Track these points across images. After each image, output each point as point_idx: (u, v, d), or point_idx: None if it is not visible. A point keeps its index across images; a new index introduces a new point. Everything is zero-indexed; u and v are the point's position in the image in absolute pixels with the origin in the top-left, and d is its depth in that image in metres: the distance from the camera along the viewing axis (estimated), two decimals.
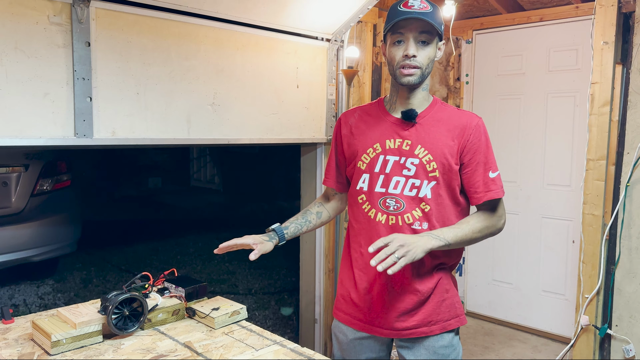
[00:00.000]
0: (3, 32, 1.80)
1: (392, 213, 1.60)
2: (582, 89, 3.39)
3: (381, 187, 1.62)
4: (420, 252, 1.44)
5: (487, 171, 1.59)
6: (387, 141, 1.62)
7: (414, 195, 1.59)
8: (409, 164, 1.59)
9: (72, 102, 1.97)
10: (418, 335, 1.64)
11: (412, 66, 1.53)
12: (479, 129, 1.60)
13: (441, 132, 1.59)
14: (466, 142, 1.58)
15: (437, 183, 1.58)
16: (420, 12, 1.50)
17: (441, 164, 1.57)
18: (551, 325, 3.72)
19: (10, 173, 3.90)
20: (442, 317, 1.64)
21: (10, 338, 1.53)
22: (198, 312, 1.68)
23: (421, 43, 1.53)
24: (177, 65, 2.27)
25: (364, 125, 1.69)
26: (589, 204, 2.92)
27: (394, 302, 1.63)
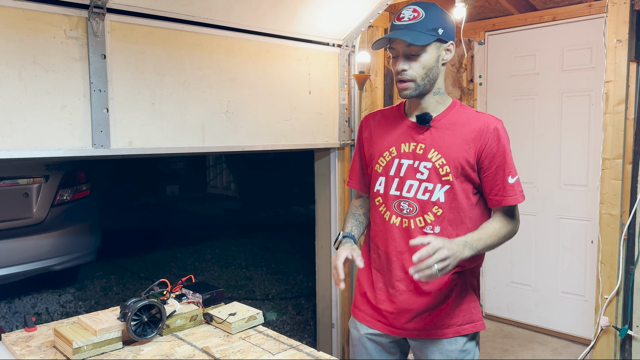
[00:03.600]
0: (21, 47, 1.85)
1: (405, 216, 1.62)
2: (597, 87, 3.36)
3: (396, 190, 1.63)
4: (456, 263, 1.44)
5: (507, 176, 1.59)
6: (403, 145, 1.63)
7: (426, 199, 1.59)
8: (422, 167, 1.59)
9: (90, 113, 2.02)
10: (430, 337, 1.65)
11: (404, 80, 1.55)
12: (497, 133, 1.57)
13: (456, 136, 1.58)
14: (484, 146, 1.56)
15: (450, 187, 1.58)
16: (407, 25, 1.51)
17: (455, 168, 1.57)
18: (571, 326, 3.68)
19: (31, 184, 3.98)
20: (456, 321, 1.65)
21: (33, 345, 1.57)
22: (215, 317, 1.71)
23: (410, 56, 1.53)
24: (191, 74, 2.31)
25: (383, 128, 1.71)
26: (606, 203, 2.90)
27: (408, 303, 1.65)
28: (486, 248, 1.56)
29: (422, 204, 1.60)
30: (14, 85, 1.84)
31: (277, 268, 5.38)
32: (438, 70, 1.58)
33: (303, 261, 5.31)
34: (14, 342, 1.59)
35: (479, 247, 1.51)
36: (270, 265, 5.45)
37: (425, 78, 1.55)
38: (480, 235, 1.54)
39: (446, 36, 1.55)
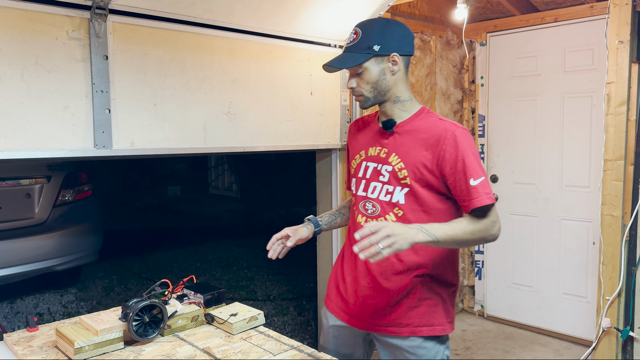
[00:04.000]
0: (24, 49, 1.85)
1: (370, 216, 1.71)
2: (598, 89, 3.36)
3: (363, 191, 1.74)
4: (406, 244, 1.43)
5: (469, 179, 1.57)
6: (370, 149, 1.74)
7: (388, 200, 1.67)
8: (384, 170, 1.68)
9: (92, 114, 2.02)
10: (388, 333, 1.73)
11: (356, 95, 1.68)
12: (455, 139, 1.58)
13: (416, 142, 1.63)
14: (442, 152, 1.59)
15: (410, 190, 1.64)
16: (347, 47, 1.64)
17: (412, 172, 1.62)
18: (572, 328, 3.67)
19: (33, 184, 3.99)
20: (413, 322, 1.69)
21: (35, 345, 1.57)
22: (216, 318, 1.71)
23: (357, 74, 1.64)
24: (193, 75, 2.32)
25: (360, 133, 1.82)
26: (608, 204, 2.90)
27: (370, 298, 1.73)
28: (450, 240, 1.53)
29: (384, 205, 1.68)
30: (17, 86, 1.85)
31: (279, 269, 5.38)
32: (388, 81, 1.64)
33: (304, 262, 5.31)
34: (15, 342, 1.59)
35: (437, 234, 1.49)
36: (271, 266, 5.45)
37: (373, 91, 1.65)
38: (443, 225, 1.54)
39: (386, 50, 1.60)
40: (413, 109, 1.69)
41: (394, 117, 1.69)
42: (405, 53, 1.64)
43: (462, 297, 4.33)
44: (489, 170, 4.08)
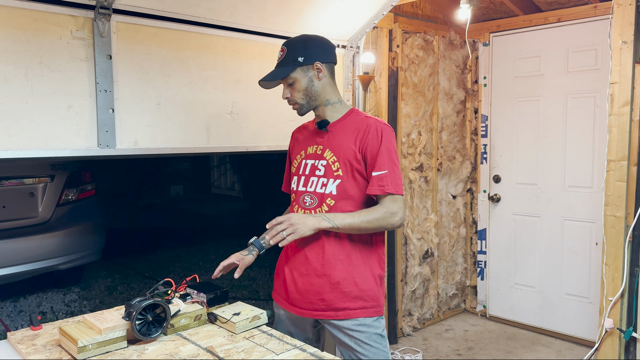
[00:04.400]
0: (28, 48, 1.86)
1: (307, 208, 1.88)
2: (602, 89, 3.36)
3: (302, 186, 1.92)
4: (308, 230, 1.72)
5: (377, 170, 1.78)
6: (309, 148, 1.93)
7: (323, 192, 1.85)
8: (320, 165, 1.87)
9: (95, 113, 2.03)
10: (326, 317, 1.87)
11: (292, 104, 1.89)
12: (377, 132, 1.80)
13: (346, 137, 1.84)
14: (365, 143, 1.80)
15: (341, 181, 1.83)
16: (278, 63, 1.85)
17: (344, 164, 1.82)
18: (575, 328, 3.67)
19: (37, 184, 4.00)
20: (348, 305, 1.84)
21: (38, 344, 1.58)
22: (219, 317, 1.71)
23: (288, 85, 1.85)
24: (196, 75, 2.32)
25: (301, 136, 2.02)
26: (611, 205, 2.89)
27: (307, 285, 1.87)
28: (350, 227, 1.76)
29: (320, 196, 1.86)
30: (21, 86, 1.85)
31: None
32: (316, 87, 1.85)
33: None
34: (19, 341, 1.60)
35: (336, 222, 1.74)
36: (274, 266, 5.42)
37: (305, 98, 1.86)
38: (346, 215, 1.77)
39: (309, 60, 1.82)
40: (343, 110, 1.91)
41: (327, 117, 1.90)
42: (327, 61, 1.86)
43: (465, 298, 4.33)
44: (492, 170, 4.08)
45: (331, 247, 1.83)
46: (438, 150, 3.97)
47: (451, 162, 4.06)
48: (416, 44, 3.69)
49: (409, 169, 3.76)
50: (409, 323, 3.84)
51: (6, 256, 3.68)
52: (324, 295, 1.84)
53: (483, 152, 4.11)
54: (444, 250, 4.13)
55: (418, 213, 3.88)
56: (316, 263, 1.85)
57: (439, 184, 4.03)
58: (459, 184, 4.16)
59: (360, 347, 1.85)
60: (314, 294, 1.85)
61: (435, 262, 4.03)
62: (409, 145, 3.76)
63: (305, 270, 1.87)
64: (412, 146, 3.78)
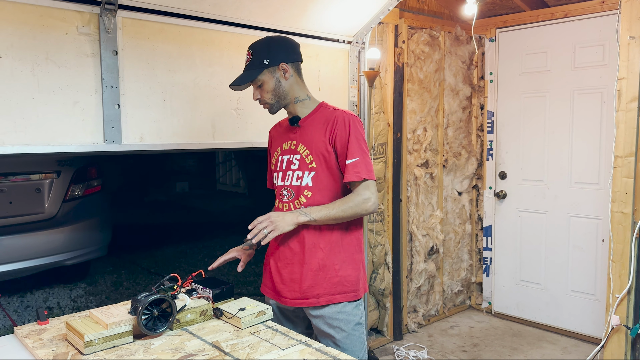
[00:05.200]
0: (34, 44, 1.87)
1: (286, 201, 1.96)
2: (609, 85, 3.33)
3: (281, 180, 1.99)
4: (287, 226, 1.79)
5: (349, 158, 1.85)
6: (284, 144, 2.00)
7: (299, 184, 1.92)
8: (295, 159, 1.94)
9: (101, 109, 2.03)
10: (308, 305, 1.92)
11: (263, 104, 1.94)
12: (345, 122, 1.87)
13: (317, 130, 1.90)
14: (334, 133, 1.87)
15: (316, 173, 1.90)
16: (245, 67, 1.90)
17: (316, 156, 1.89)
18: (581, 325, 3.66)
19: (43, 180, 4.02)
20: (328, 291, 1.91)
21: (45, 338, 1.59)
22: (225, 312, 1.72)
23: (258, 87, 1.90)
24: (202, 71, 2.32)
25: (276, 134, 2.09)
26: (618, 201, 2.88)
27: (290, 274, 1.94)
28: (327, 217, 1.83)
29: (297, 189, 1.93)
30: (27, 81, 1.86)
31: None
32: (284, 86, 1.90)
33: None
34: (26, 335, 1.61)
35: (314, 215, 1.82)
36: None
37: (274, 98, 1.91)
38: (322, 207, 1.85)
39: (274, 61, 1.87)
40: (312, 105, 1.97)
41: (298, 114, 1.96)
42: (292, 61, 1.92)
43: (470, 294, 4.33)
44: (498, 167, 4.07)
45: (311, 236, 1.89)
46: (444, 146, 3.96)
47: (457, 159, 4.05)
48: (422, 39, 3.67)
49: (414, 165, 3.75)
50: (414, 319, 3.84)
51: (13, 252, 3.70)
52: (305, 283, 1.91)
53: (489, 149, 4.10)
54: (450, 247, 4.12)
55: (423, 209, 3.87)
56: (298, 252, 1.92)
57: (445, 181, 4.01)
58: (465, 181, 4.15)
59: (339, 334, 1.92)
60: (297, 282, 1.92)
61: (440, 258, 4.02)
62: (415, 142, 3.75)
63: (289, 260, 1.94)
64: (417, 142, 3.77)
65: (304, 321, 2.06)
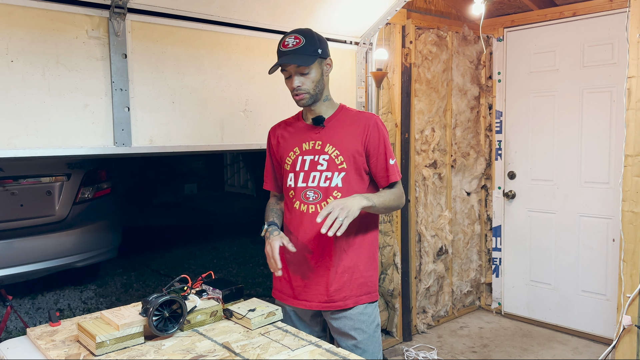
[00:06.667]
0: (45, 48, 1.89)
1: (312, 203, 1.91)
2: (619, 83, 3.31)
3: (302, 182, 1.93)
4: (357, 210, 1.74)
5: (388, 159, 1.91)
6: (304, 144, 1.95)
7: (327, 185, 1.90)
8: (322, 160, 1.91)
9: (111, 112, 2.05)
10: (334, 308, 1.92)
11: (300, 94, 1.87)
12: (377, 126, 1.90)
13: (346, 132, 1.90)
14: (369, 136, 1.89)
15: (346, 174, 1.89)
16: (293, 50, 1.82)
17: (347, 157, 1.88)
18: (592, 326, 3.63)
19: (54, 182, 4.05)
20: (355, 293, 1.92)
21: (57, 340, 1.60)
22: (235, 313, 1.72)
23: (301, 74, 1.85)
24: (210, 73, 2.33)
25: (287, 134, 2.02)
26: (628, 201, 2.86)
27: (315, 278, 1.92)
28: (382, 205, 1.86)
29: (324, 190, 1.90)
30: (38, 85, 1.88)
31: None
32: (324, 80, 1.91)
33: None
34: (38, 337, 1.62)
35: (374, 200, 1.81)
36: None
37: (315, 89, 1.88)
38: (377, 194, 1.88)
39: (324, 54, 1.88)
40: (335, 106, 1.97)
41: (322, 113, 1.94)
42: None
43: (479, 295, 4.31)
44: (507, 166, 4.05)
45: (338, 240, 1.87)
46: (452, 146, 3.95)
47: (465, 159, 4.03)
48: (429, 39, 3.67)
49: (422, 166, 3.75)
50: (423, 320, 3.83)
51: (24, 254, 3.73)
52: (332, 287, 1.90)
53: (497, 148, 4.08)
54: (459, 247, 4.11)
55: (432, 210, 3.86)
56: (321, 255, 1.90)
57: (453, 181, 4.00)
58: (473, 181, 4.13)
59: (361, 335, 1.92)
60: (322, 285, 1.91)
61: (449, 259, 4.01)
62: (423, 142, 3.74)
63: (312, 263, 1.92)
64: (425, 143, 3.76)
65: (320, 324, 2.07)
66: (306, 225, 1.92)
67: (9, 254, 3.64)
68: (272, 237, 1.87)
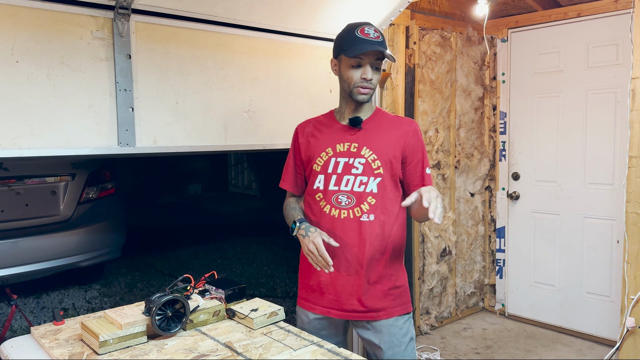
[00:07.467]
0: (50, 49, 1.90)
1: (344, 208, 1.82)
2: (623, 84, 3.30)
3: (334, 185, 1.84)
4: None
5: (425, 168, 1.86)
6: (338, 145, 1.86)
7: (362, 190, 1.81)
8: (357, 163, 1.82)
9: (115, 112, 2.06)
10: (367, 319, 1.85)
11: (368, 87, 1.78)
12: (416, 133, 1.86)
13: (384, 136, 1.83)
14: (407, 143, 1.83)
15: (382, 179, 1.81)
16: (377, 42, 1.74)
17: (384, 162, 1.81)
18: (596, 327, 3.62)
19: (58, 182, 4.07)
20: (389, 304, 1.85)
21: (61, 338, 1.61)
22: (237, 313, 1.73)
23: (375, 68, 1.78)
24: (214, 74, 2.34)
25: (318, 133, 1.93)
26: (633, 202, 2.85)
27: (347, 286, 1.84)
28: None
29: (358, 195, 1.81)
30: (43, 86, 1.89)
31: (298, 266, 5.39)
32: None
33: None
34: (42, 335, 1.63)
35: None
36: (291, 263, 5.47)
37: (375, 88, 1.82)
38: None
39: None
40: (372, 108, 1.91)
41: (360, 114, 1.86)
42: None
43: (483, 296, 4.30)
44: (511, 167, 4.04)
45: (372, 247, 1.81)
46: (456, 147, 3.94)
47: (469, 160, 4.03)
48: (433, 40, 3.67)
49: None
50: (426, 321, 3.82)
51: (29, 253, 3.75)
52: (363, 296, 1.82)
53: (502, 149, 4.08)
54: (462, 249, 4.10)
55: None
56: (352, 262, 1.82)
57: (457, 182, 4.00)
58: (477, 182, 4.13)
59: (391, 349, 1.83)
60: (353, 294, 1.83)
61: (453, 260, 4.01)
62: (426, 143, 3.74)
63: (342, 270, 1.83)
64: (429, 143, 3.76)
65: (345, 333, 2.01)
66: (338, 231, 1.82)
67: (14, 253, 3.66)
68: (312, 234, 1.74)
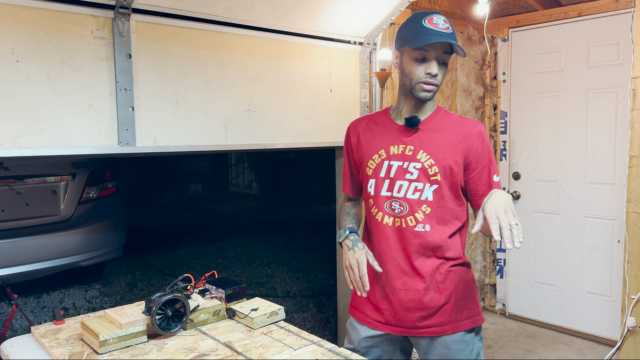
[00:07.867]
0: (50, 48, 1.90)
1: (397, 216, 1.67)
2: (624, 84, 3.30)
3: (387, 191, 1.68)
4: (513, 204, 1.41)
5: (492, 175, 1.67)
6: (392, 147, 1.69)
7: (416, 198, 1.65)
8: (412, 168, 1.65)
9: (115, 112, 2.06)
10: (430, 334, 1.70)
11: (433, 84, 1.60)
12: (482, 135, 1.66)
13: (443, 139, 1.65)
14: (471, 147, 1.64)
15: (439, 187, 1.64)
16: (447, 34, 1.56)
17: (443, 168, 1.63)
18: (596, 327, 3.62)
19: (59, 182, 4.07)
20: (455, 317, 1.70)
21: (61, 338, 1.61)
22: (238, 312, 1.73)
23: (442, 63, 1.60)
24: (214, 74, 2.34)
25: (370, 132, 1.76)
26: (633, 201, 2.85)
27: (405, 301, 1.69)
28: None
29: (412, 203, 1.65)
30: (43, 85, 1.89)
31: (298, 266, 5.40)
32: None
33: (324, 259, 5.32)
34: (43, 335, 1.63)
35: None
36: (291, 263, 5.47)
37: (441, 83, 1.64)
38: None
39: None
40: (433, 107, 1.72)
41: (419, 114, 1.68)
42: None
43: (484, 296, 4.30)
44: (511, 167, 4.04)
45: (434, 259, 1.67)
46: None
47: None
48: None
49: None
50: None
51: (29, 253, 3.75)
52: (424, 310, 1.68)
53: (502, 149, 4.07)
54: None
55: None
56: (411, 274, 1.67)
57: None
58: None
59: None
60: (412, 309, 1.68)
61: None
62: None
63: (398, 282, 1.69)
64: None
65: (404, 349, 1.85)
66: (392, 241, 1.68)
67: (15, 252, 3.67)
68: (358, 251, 1.61)
